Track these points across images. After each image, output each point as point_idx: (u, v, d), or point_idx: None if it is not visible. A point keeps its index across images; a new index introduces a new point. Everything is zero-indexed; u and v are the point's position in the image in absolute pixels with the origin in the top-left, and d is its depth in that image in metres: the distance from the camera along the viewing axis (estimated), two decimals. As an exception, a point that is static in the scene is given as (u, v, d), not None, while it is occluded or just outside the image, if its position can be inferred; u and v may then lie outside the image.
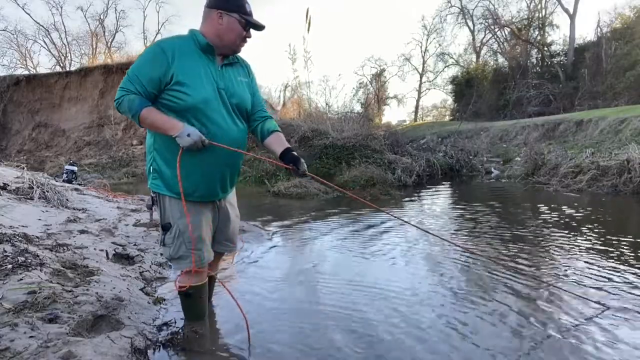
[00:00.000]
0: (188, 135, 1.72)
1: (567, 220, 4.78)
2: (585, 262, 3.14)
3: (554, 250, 3.54)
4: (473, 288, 2.67)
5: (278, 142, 1.99)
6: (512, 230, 4.32)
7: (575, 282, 2.72)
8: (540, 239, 3.97)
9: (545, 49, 22.28)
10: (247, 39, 1.91)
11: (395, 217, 4.59)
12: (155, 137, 1.85)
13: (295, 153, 1.96)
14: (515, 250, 3.55)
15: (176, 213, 1.86)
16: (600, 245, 3.63)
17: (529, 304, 2.38)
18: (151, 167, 1.88)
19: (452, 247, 3.56)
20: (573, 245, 3.69)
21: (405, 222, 4.44)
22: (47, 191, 4.51)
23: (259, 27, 1.91)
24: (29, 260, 2.32)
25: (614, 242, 3.71)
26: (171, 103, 1.76)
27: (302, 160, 1.94)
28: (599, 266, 3.03)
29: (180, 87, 1.75)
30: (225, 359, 1.84)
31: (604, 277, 2.80)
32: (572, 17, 20.91)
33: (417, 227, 4.07)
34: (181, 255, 1.89)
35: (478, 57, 27.07)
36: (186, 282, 1.97)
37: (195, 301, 2.03)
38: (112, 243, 3.31)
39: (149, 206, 1.94)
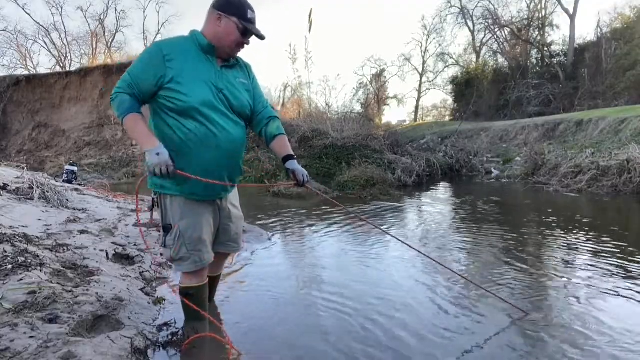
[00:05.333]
0: (157, 154, 1.68)
1: (537, 221, 4.78)
2: (524, 268, 3.09)
3: (503, 254, 3.50)
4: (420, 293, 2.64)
5: (279, 148, 2.03)
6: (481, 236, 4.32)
7: (507, 287, 2.70)
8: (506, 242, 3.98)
9: (545, 49, 22.25)
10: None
11: (369, 223, 4.59)
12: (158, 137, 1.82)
13: (295, 161, 2.00)
14: (465, 254, 3.55)
15: (177, 214, 1.86)
16: (564, 251, 3.61)
17: (458, 306, 2.39)
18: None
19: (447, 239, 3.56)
20: (525, 248, 3.70)
21: (377, 227, 4.43)
22: (47, 191, 4.50)
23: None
24: (29, 261, 2.32)
25: (578, 246, 3.70)
26: (169, 104, 1.77)
27: (301, 170, 1.98)
28: (537, 273, 2.99)
29: (178, 87, 1.75)
30: (226, 359, 1.84)
31: (536, 283, 2.78)
32: (572, 17, 20.88)
33: (389, 234, 4.07)
34: (182, 256, 1.88)
35: (478, 57, 27.01)
36: (187, 282, 1.97)
37: (196, 301, 2.03)
38: (112, 243, 3.31)
39: (149, 208, 1.94)
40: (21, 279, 2.07)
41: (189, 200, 1.86)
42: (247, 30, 1.85)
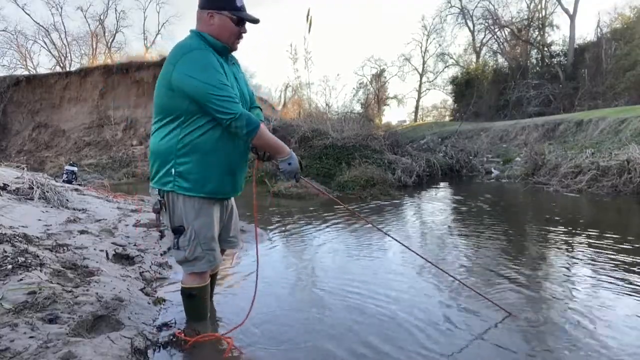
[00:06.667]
0: (289, 164, 1.80)
1: (533, 221, 4.78)
2: (522, 268, 3.07)
3: (500, 254, 3.49)
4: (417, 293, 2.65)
5: None
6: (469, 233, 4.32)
7: (501, 286, 2.69)
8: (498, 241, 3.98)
9: (545, 49, 22.24)
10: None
11: (369, 222, 4.58)
12: (183, 139, 1.77)
13: None
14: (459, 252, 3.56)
15: (191, 214, 1.85)
16: (554, 251, 3.60)
17: (445, 305, 2.41)
18: (172, 170, 1.80)
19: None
20: (524, 248, 3.69)
21: (376, 226, 4.43)
22: (47, 191, 4.50)
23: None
24: (29, 261, 2.32)
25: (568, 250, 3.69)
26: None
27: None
28: (533, 273, 2.98)
29: None
30: (226, 359, 1.84)
31: (532, 283, 2.76)
32: (572, 18, 20.87)
33: (381, 229, 4.06)
34: (197, 256, 1.89)
35: (478, 57, 26.98)
36: (190, 283, 1.97)
37: (198, 302, 2.03)
38: (112, 243, 3.31)
39: (156, 210, 1.92)
40: (21, 279, 2.07)
41: (204, 199, 1.86)
42: (241, 18, 1.83)
